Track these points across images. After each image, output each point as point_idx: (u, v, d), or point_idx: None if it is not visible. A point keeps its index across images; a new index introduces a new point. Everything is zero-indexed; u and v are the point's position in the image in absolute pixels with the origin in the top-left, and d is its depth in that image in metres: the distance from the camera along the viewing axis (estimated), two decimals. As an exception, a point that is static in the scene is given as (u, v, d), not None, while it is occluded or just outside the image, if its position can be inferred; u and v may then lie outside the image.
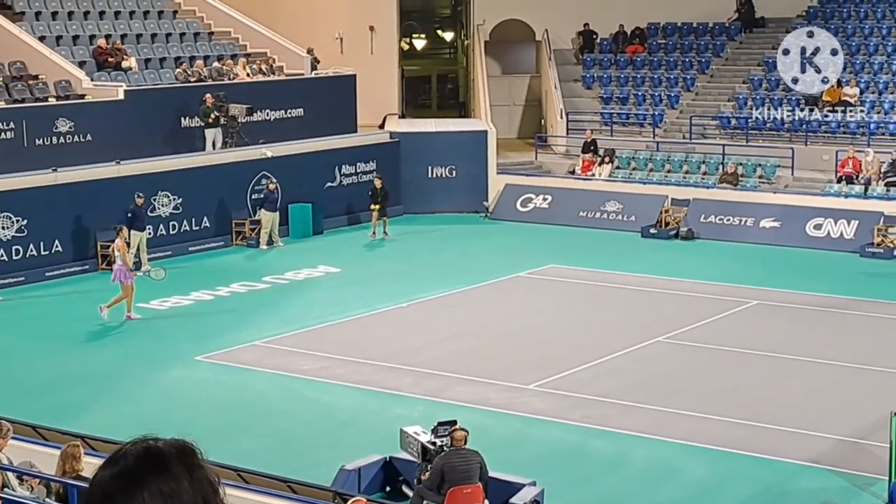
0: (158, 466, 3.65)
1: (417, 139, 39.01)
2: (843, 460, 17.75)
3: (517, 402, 20.49)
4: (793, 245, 33.24)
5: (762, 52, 43.90)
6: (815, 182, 36.85)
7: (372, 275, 29.82)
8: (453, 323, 25.80)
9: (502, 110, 46.20)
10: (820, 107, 39.72)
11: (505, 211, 38.03)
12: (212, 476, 3.70)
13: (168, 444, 3.71)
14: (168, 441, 3.72)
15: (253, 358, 23.11)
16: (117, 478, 3.66)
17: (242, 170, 34.09)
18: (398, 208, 37.99)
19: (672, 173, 39.03)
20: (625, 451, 18.43)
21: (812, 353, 23.32)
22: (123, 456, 3.69)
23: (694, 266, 31.03)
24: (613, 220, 36.30)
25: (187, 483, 3.65)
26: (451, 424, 15.20)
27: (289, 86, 38.75)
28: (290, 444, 18.83)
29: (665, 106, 42.98)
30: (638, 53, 45.43)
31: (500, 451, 17.99)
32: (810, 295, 27.84)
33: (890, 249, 32.13)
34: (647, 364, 22.73)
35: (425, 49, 52.05)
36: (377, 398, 20.83)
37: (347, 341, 24.35)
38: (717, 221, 34.94)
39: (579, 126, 42.58)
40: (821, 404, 20.43)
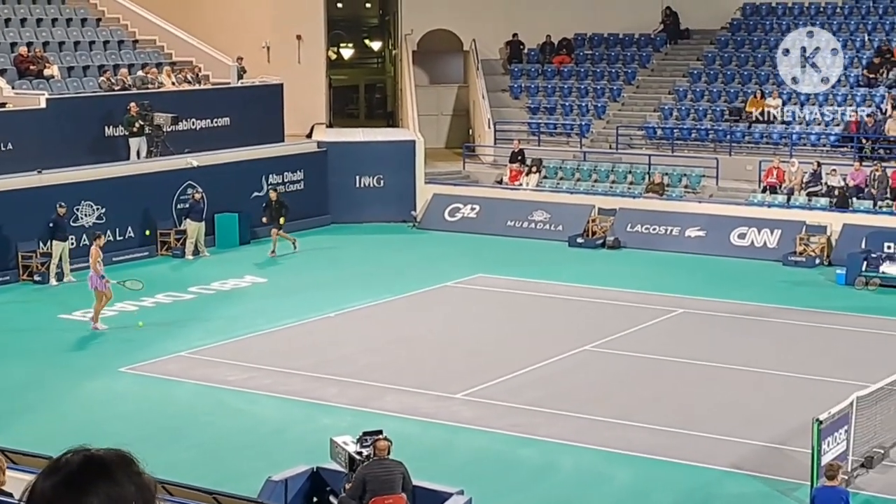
0: (103, 473, 3.64)
1: (345, 149, 38.95)
2: (766, 466, 17.92)
3: (445, 411, 20.50)
4: (717, 254, 33.53)
5: (687, 63, 44.29)
6: (739, 192, 37.21)
7: (299, 285, 29.73)
8: (381, 333, 25.77)
9: (430, 120, 46.25)
10: (744, 118, 40.12)
11: (433, 220, 38.06)
12: (152, 483, 3.70)
13: (108, 452, 3.70)
14: (108, 450, 3.71)
15: (178, 369, 22.95)
16: (62, 486, 3.63)
17: (168, 179, 33.84)
18: (326, 217, 37.95)
19: (599, 183, 39.25)
20: (552, 458, 18.49)
21: (736, 360, 23.52)
22: (66, 464, 3.66)
23: (620, 275, 31.20)
24: (541, 230, 36.43)
25: (133, 488, 3.65)
26: (377, 434, 15.16)
27: (215, 95, 38.56)
28: (216, 456, 18.71)
29: (592, 116, 43.22)
30: (565, 64, 45.66)
31: (427, 460, 18.01)
32: (734, 303, 28.10)
33: (812, 258, 32.50)
34: (574, 372, 22.83)
35: (353, 58, 52.05)
36: (304, 408, 20.76)
37: (274, 352, 24.24)
38: (644, 231, 35.17)
39: (507, 136, 42.71)
40: (744, 411, 20.60)
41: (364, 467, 14.73)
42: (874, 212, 33.78)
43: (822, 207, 34.49)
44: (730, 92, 41.82)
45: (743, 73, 42.48)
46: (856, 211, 33.97)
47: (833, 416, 16.63)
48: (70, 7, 39.48)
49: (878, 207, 33.99)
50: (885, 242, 30.80)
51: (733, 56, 43.39)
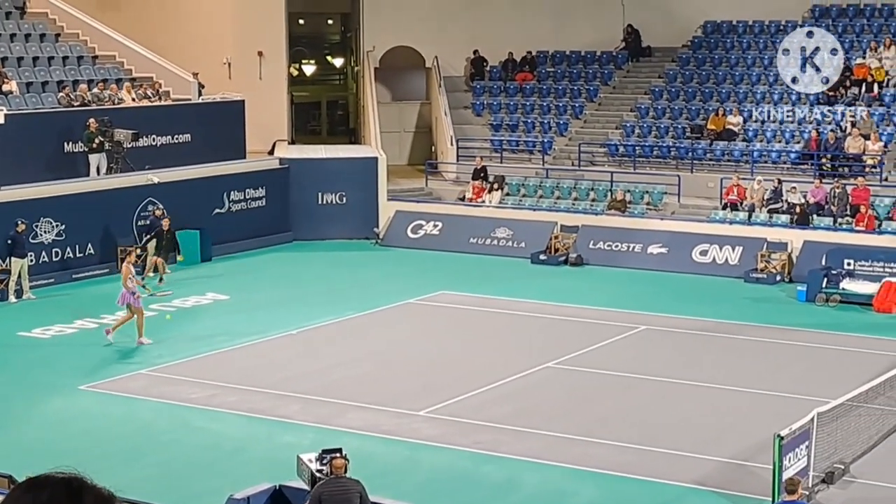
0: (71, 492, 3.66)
1: (307, 165, 38.90)
2: (728, 482, 17.94)
3: (408, 428, 20.44)
4: (679, 271, 33.63)
5: (649, 80, 44.46)
6: (700, 209, 37.34)
7: (261, 302, 29.61)
8: (344, 350, 25.69)
9: (392, 137, 46.24)
10: (705, 135, 40.30)
11: (395, 237, 38.03)
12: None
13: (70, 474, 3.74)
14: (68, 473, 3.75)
15: (139, 387, 22.81)
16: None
17: (128, 196, 33.68)
18: (288, 234, 37.88)
19: (561, 200, 39.31)
20: (515, 476, 18.46)
21: (698, 376, 23.58)
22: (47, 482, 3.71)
23: (583, 292, 31.26)
24: (503, 247, 36.46)
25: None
26: (337, 452, 15.09)
27: (175, 111, 38.39)
28: (178, 474, 18.58)
29: (554, 133, 43.31)
30: (527, 81, 45.76)
31: (390, 478, 17.96)
32: (696, 320, 28.18)
33: (773, 275, 32.64)
34: (537, 389, 22.82)
35: (315, 75, 52.04)
36: (267, 426, 20.66)
37: (236, 369, 24.13)
38: (606, 247, 35.24)
39: (469, 153, 42.73)
40: (706, 427, 20.65)
41: (320, 485, 14.65)
42: (834, 229, 33.94)
43: (782, 224, 34.65)
44: (691, 109, 42.01)
45: (704, 90, 42.67)
46: (816, 228, 34.13)
47: (794, 432, 16.69)
48: (29, 22, 39.26)
49: (838, 224, 34.17)
50: (845, 259, 30.98)
51: (695, 73, 43.59)
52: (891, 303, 29.33)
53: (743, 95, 41.86)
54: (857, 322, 28.38)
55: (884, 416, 20.18)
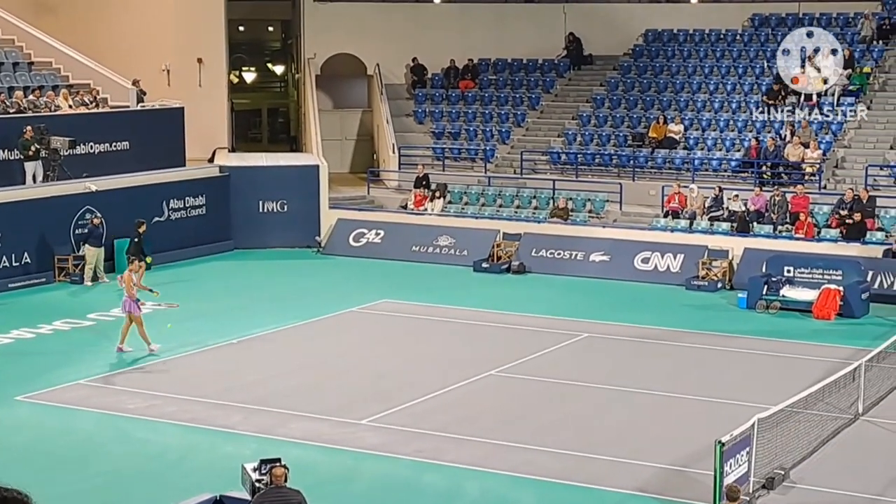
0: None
1: (248, 173, 38.70)
2: (669, 488, 17.96)
3: (350, 437, 20.33)
4: (621, 278, 33.74)
5: (591, 88, 44.61)
6: (642, 217, 37.48)
7: (201, 311, 29.38)
8: (285, 359, 25.54)
9: (334, 145, 46.14)
10: (646, 143, 40.45)
11: (337, 246, 37.91)
12: None
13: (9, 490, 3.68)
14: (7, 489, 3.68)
15: (78, 397, 22.54)
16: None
17: (65, 204, 33.36)
18: (229, 243, 37.65)
19: (503, 208, 39.34)
20: (457, 484, 18.40)
21: (639, 384, 23.61)
22: None
23: (525, 300, 31.27)
24: (446, 255, 36.43)
25: None
26: (276, 461, 14.96)
27: (113, 118, 38.10)
28: (118, 485, 18.36)
29: (496, 141, 43.34)
30: (469, 89, 45.79)
31: (332, 487, 17.86)
32: (638, 327, 28.26)
33: (714, 282, 32.80)
34: (479, 397, 22.77)
35: (255, 82, 51.82)
36: (208, 436, 20.47)
37: (177, 379, 23.92)
38: (548, 255, 35.29)
39: (411, 161, 42.69)
40: (647, 434, 20.67)
41: (260, 495, 14.53)
42: (774, 236, 34.18)
43: (723, 232, 34.84)
44: (632, 117, 42.18)
45: (645, 98, 42.86)
46: (756, 235, 34.36)
47: (735, 438, 16.72)
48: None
49: (778, 232, 34.41)
50: (785, 266, 31.17)
51: (636, 82, 43.78)
52: (829, 310, 29.54)
53: (684, 104, 42.08)
54: (796, 329, 28.56)
55: (823, 422, 20.29)
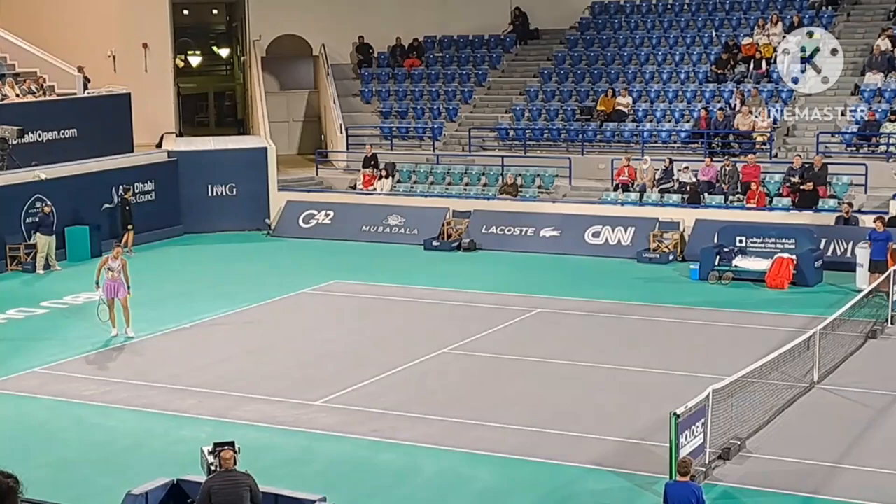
0: None
1: (196, 157, 38.53)
2: (625, 461, 18.04)
3: (304, 418, 20.32)
4: (573, 253, 33.84)
5: (538, 63, 44.62)
6: (592, 191, 37.56)
7: (153, 296, 29.22)
8: (238, 342, 25.47)
9: (281, 126, 45.98)
10: (595, 117, 40.51)
11: (287, 227, 37.83)
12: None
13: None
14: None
15: (32, 385, 22.42)
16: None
17: (15, 193, 33.12)
18: (178, 228, 37.51)
19: (453, 185, 39.34)
20: (413, 462, 18.43)
21: (593, 358, 23.70)
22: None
23: (477, 277, 31.31)
24: (396, 234, 36.42)
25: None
26: (229, 445, 14.94)
27: (60, 106, 37.84)
28: (74, 472, 18.29)
29: (444, 119, 43.30)
30: (415, 67, 45.71)
31: (288, 468, 17.85)
32: (591, 301, 28.35)
33: (665, 254, 32.94)
34: (433, 375, 22.80)
35: (201, 66, 51.53)
36: (163, 420, 20.41)
37: (130, 364, 23.84)
38: (499, 232, 35.33)
39: (359, 141, 42.61)
40: (602, 408, 20.75)
41: (210, 479, 14.51)
42: (725, 206, 34.34)
43: (674, 204, 34.99)
44: (580, 91, 42.22)
45: (593, 71, 42.92)
46: (707, 206, 34.50)
47: (690, 410, 16.80)
48: None
49: (730, 202, 34.57)
50: (736, 236, 31.32)
51: (583, 55, 43.81)
52: (783, 279, 29.73)
53: (632, 76, 42.17)
54: (750, 299, 28.73)
55: (778, 391, 20.43)
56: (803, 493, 16.74)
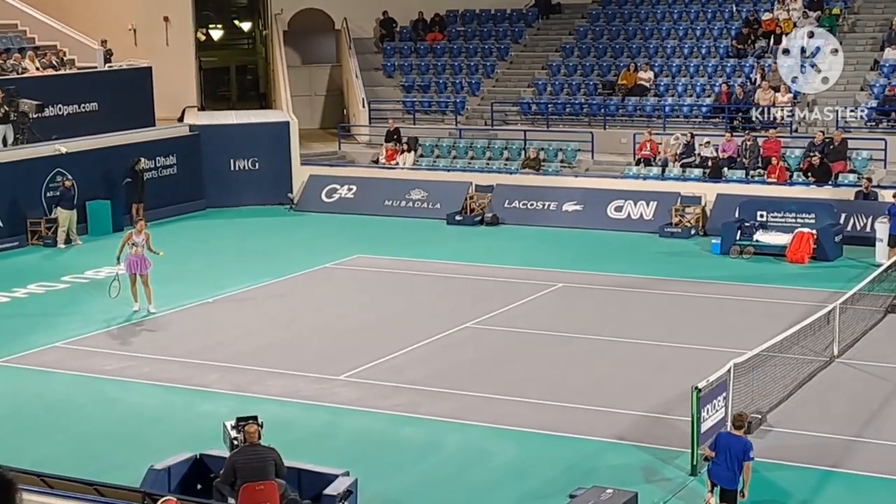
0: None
1: (218, 132, 38.56)
2: (647, 436, 18.05)
3: (327, 393, 20.37)
4: (595, 227, 33.80)
5: (559, 37, 44.49)
6: (614, 165, 37.48)
7: (176, 271, 29.25)
8: (261, 317, 25.53)
9: (304, 101, 45.94)
10: (617, 91, 40.40)
11: (310, 202, 37.85)
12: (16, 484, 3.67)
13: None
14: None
15: (54, 360, 22.51)
16: None
17: (36, 167, 33.20)
18: (200, 202, 37.56)
19: (475, 160, 39.29)
20: (435, 436, 18.46)
21: (615, 332, 23.70)
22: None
23: (499, 251, 31.31)
24: (418, 208, 36.42)
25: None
26: (252, 419, 14.99)
27: (81, 79, 37.83)
28: (96, 446, 18.37)
29: (466, 93, 43.23)
30: (438, 41, 45.61)
31: (311, 443, 17.90)
32: (613, 276, 28.33)
33: (687, 229, 32.88)
34: (456, 350, 22.82)
35: (223, 40, 51.43)
36: (185, 395, 20.48)
37: (153, 339, 23.92)
38: (521, 206, 35.31)
39: (381, 115, 42.57)
40: (624, 382, 20.76)
41: (235, 453, 14.56)
42: (746, 181, 34.24)
43: (695, 178, 34.90)
44: (602, 66, 42.09)
45: (614, 46, 42.78)
46: (729, 181, 34.40)
47: (711, 384, 16.80)
48: (-74, -8, 38.49)
49: (750, 177, 34.46)
50: (757, 211, 31.25)
51: (604, 30, 43.66)
52: (803, 253, 29.65)
53: (653, 50, 42.02)
54: (770, 273, 28.67)
55: (799, 365, 20.41)
56: (823, 467, 16.74)
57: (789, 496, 15.90)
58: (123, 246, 25.55)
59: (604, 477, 16.16)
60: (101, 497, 13.85)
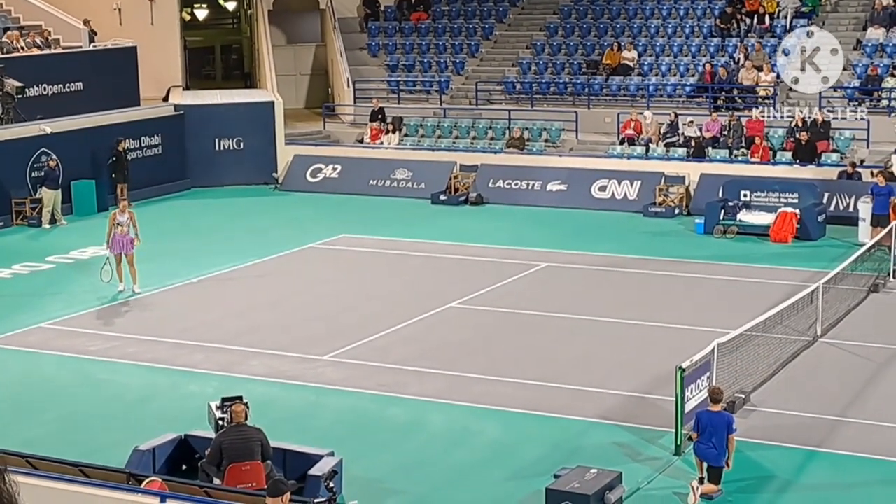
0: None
1: (203, 111, 38.49)
2: (631, 415, 18.14)
3: (312, 373, 20.42)
4: (579, 207, 33.85)
5: (544, 17, 44.47)
6: (598, 144, 37.54)
7: (160, 251, 29.24)
8: (245, 297, 25.55)
9: (289, 80, 45.90)
10: (601, 70, 40.41)
11: (295, 182, 37.84)
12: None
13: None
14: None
15: (39, 341, 22.52)
16: None
17: (21, 147, 33.12)
18: (185, 182, 37.52)
19: (460, 139, 39.31)
20: (420, 416, 18.53)
21: (599, 312, 23.78)
22: None
23: (484, 231, 31.35)
24: (403, 188, 36.43)
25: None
26: (238, 399, 15.04)
27: (66, 59, 37.75)
28: (81, 427, 18.40)
29: (451, 72, 43.22)
30: (422, 20, 45.58)
31: (296, 423, 17.96)
32: (597, 255, 28.40)
33: (671, 208, 32.95)
34: (440, 329, 22.88)
35: (208, 19, 51.32)
36: (170, 376, 20.52)
37: (137, 319, 23.94)
38: (506, 186, 35.34)
39: (366, 94, 42.53)
40: (609, 362, 20.84)
41: (221, 434, 14.61)
42: (730, 161, 34.30)
43: (679, 158, 34.96)
44: (586, 45, 42.10)
45: (598, 25, 42.77)
46: (712, 160, 34.47)
47: (695, 364, 16.88)
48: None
49: (734, 156, 34.53)
50: (741, 190, 31.31)
51: (588, 9, 43.65)
52: (786, 233, 29.75)
53: (637, 30, 42.02)
54: (754, 253, 28.77)
55: (782, 345, 20.52)
56: (807, 447, 16.84)
57: (773, 476, 16.00)
58: (111, 229, 25.48)
59: (588, 456, 16.26)
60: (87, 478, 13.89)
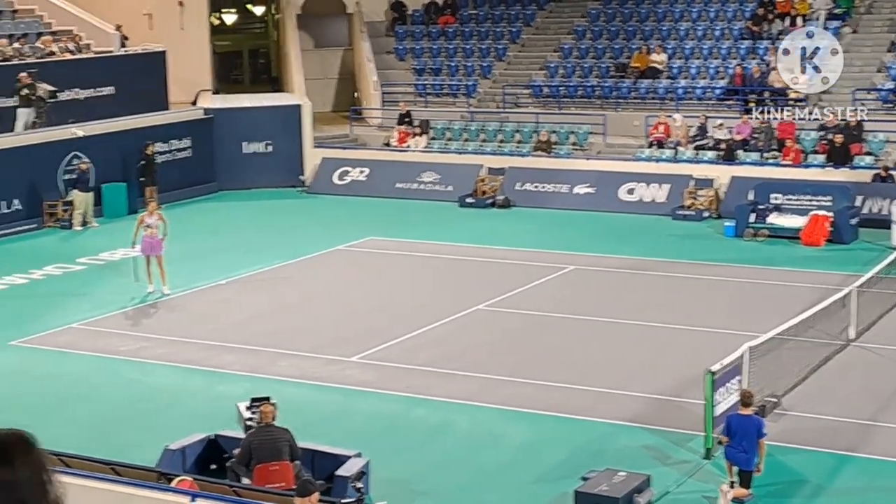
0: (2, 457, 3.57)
1: (231, 115, 38.60)
2: (660, 418, 18.09)
3: (340, 374, 20.45)
4: (607, 210, 33.79)
5: (571, 20, 44.43)
6: (626, 147, 37.47)
7: (190, 253, 29.36)
8: (274, 298, 25.61)
9: (316, 84, 45.97)
10: (629, 73, 40.34)
11: (322, 184, 37.90)
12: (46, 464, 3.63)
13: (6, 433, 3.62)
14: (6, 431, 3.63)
15: (70, 341, 22.63)
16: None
17: (53, 150, 33.31)
18: (213, 185, 37.63)
19: (487, 142, 39.31)
20: (447, 418, 18.54)
21: (627, 315, 23.72)
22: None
23: (511, 234, 31.33)
24: (430, 191, 36.45)
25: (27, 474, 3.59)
26: (266, 400, 15.09)
27: (97, 64, 37.93)
28: (112, 427, 18.48)
29: (478, 76, 43.23)
30: (450, 24, 45.60)
31: (324, 424, 17.98)
32: (625, 258, 28.34)
33: (700, 211, 32.85)
34: (468, 332, 22.88)
35: (236, 24, 51.51)
36: (200, 376, 20.59)
37: (167, 321, 24.03)
38: (533, 189, 35.31)
39: (393, 98, 42.59)
40: (636, 364, 20.79)
41: (250, 434, 14.68)
42: (761, 164, 34.20)
43: (709, 161, 34.85)
44: (614, 48, 42.05)
45: (627, 28, 42.71)
46: (743, 163, 34.35)
47: (725, 367, 16.83)
48: (-56, -23, 38.58)
49: (765, 159, 34.42)
50: (771, 193, 31.20)
51: (617, 12, 43.59)
52: (818, 236, 29.61)
53: (666, 32, 41.93)
54: (785, 256, 28.65)
55: (814, 349, 20.41)
56: (838, 451, 16.78)
57: (804, 480, 15.94)
58: (138, 229, 25.65)
59: (616, 459, 16.23)
60: (118, 476, 13.96)
